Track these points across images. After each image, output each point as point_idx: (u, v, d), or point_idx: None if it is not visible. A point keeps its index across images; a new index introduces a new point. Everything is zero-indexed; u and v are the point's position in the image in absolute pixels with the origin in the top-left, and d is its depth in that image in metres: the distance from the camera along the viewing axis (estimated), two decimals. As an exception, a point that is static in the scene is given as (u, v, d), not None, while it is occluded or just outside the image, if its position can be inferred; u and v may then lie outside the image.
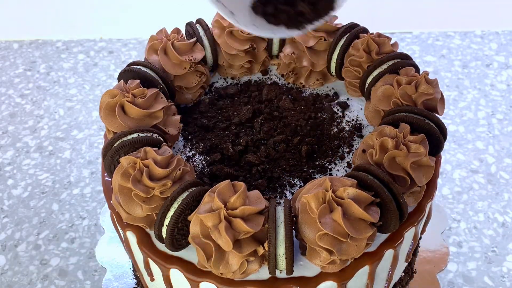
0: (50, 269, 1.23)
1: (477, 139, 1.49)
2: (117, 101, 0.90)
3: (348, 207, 0.76)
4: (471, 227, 1.28)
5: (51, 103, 1.66)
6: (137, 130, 0.88)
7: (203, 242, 0.76)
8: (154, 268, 0.88)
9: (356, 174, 0.81)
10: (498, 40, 1.83)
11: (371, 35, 1.03)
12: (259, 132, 1.00)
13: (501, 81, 1.68)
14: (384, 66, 0.98)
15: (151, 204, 0.80)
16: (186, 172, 0.84)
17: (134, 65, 1.00)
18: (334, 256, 0.75)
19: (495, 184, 1.38)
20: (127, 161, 0.82)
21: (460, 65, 1.74)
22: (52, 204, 1.37)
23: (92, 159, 1.48)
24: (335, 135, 0.99)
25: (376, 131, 0.87)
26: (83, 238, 1.29)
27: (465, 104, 1.60)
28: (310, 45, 1.06)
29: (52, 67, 1.79)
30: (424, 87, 0.93)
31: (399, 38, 1.84)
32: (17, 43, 1.90)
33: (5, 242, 1.29)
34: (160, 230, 0.80)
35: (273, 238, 0.76)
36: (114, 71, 1.76)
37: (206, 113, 1.05)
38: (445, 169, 1.41)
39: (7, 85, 1.73)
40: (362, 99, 1.06)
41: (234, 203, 0.76)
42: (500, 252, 1.23)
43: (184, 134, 1.01)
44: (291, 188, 0.91)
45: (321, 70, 1.09)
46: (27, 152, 1.50)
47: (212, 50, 1.10)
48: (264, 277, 0.80)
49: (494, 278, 1.19)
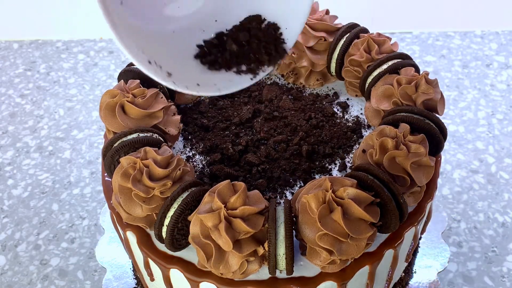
0: (50, 269, 1.23)
1: (477, 139, 1.49)
2: (117, 101, 0.90)
3: (348, 207, 0.76)
4: (471, 227, 1.28)
5: (51, 103, 1.66)
6: (137, 130, 0.88)
7: (203, 242, 0.76)
8: (154, 268, 0.88)
9: (356, 174, 0.81)
10: (498, 40, 1.83)
11: (371, 35, 1.03)
12: (259, 132, 1.00)
13: (501, 81, 1.68)
14: (384, 66, 0.98)
15: (151, 204, 0.80)
16: (186, 172, 0.84)
17: (134, 65, 0.99)
18: (334, 256, 0.75)
19: (495, 184, 1.38)
20: (127, 161, 0.82)
21: (460, 65, 1.74)
22: (52, 204, 1.37)
23: (92, 159, 1.48)
24: (335, 135, 0.99)
25: (376, 131, 0.87)
26: (83, 238, 1.29)
27: (465, 104, 1.60)
28: (310, 45, 1.06)
29: (52, 67, 1.79)
30: (424, 87, 0.93)
31: (399, 38, 1.84)
32: (17, 43, 1.90)
33: (5, 242, 1.29)
34: (160, 230, 0.80)
35: (273, 238, 0.76)
36: (114, 71, 1.76)
37: (206, 113, 1.05)
38: (445, 169, 1.41)
39: (7, 85, 1.73)
40: (362, 99, 1.06)
41: (234, 203, 0.76)
42: (500, 252, 1.23)
43: (184, 134, 1.01)
44: (291, 188, 0.91)
45: (321, 70, 1.09)
46: (27, 152, 1.50)
47: (212, 50, 1.10)
48: (264, 277, 0.80)
49: (494, 278, 1.19)
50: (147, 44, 0.72)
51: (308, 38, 1.06)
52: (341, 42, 1.05)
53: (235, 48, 0.76)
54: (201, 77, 0.76)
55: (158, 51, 0.73)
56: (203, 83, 0.74)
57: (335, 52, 1.06)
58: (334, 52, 1.06)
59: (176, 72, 0.72)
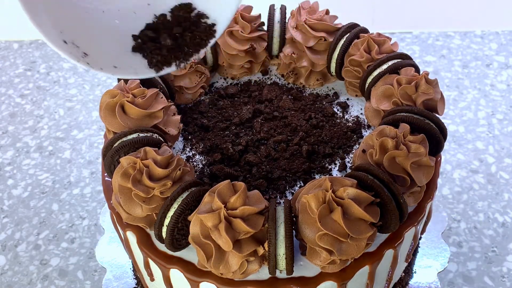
0: (50, 269, 1.23)
1: (477, 139, 1.49)
2: (117, 101, 0.90)
3: (348, 207, 0.76)
4: (471, 227, 1.28)
5: (51, 103, 1.66)
6: (137, 130, 0.88)
7: (203, 242, 0.76)
8: (154, 268, 0.88)
9: (356, 174, 0.81)
10: (498, 40, 1.83)
11: (371, 35, 1.03)
12: (259, 132, 1.00)
13: (501, 81, 1.68)
14: (384, 66, 0.98)
15: (151, 204, 0.80)
16: (186, 172, 0.84)
17: (134, 65, 0.99)
18: (334, 256, 0.75)
19: (495, 184, 1.38)
20: (127, 161, 0.82)
21: (460, 65, 1.74)
22: (52, 204, 1.37)
23: (92, 159, 1.48)
24: (335, 135, 0.99)
25: (376, 131, 0.87)
26: (83, 238, 1.29)
27: (465, 104, 1.60)
28: (310, 45, 1.06)
29: (52, 67, 1.79)
30: (424, 87, 0.93)
31: (399, 38, 1.84)
32: (17, 43, 1.90)
33: (5, 242, 1.29)
34: (160, 230, 0.80)
35: (273, 238, 0.76)
36: (114, 71, 1.76)
37: (206, 113, 1.05)
38: (445, 169, 1.41)
39: (7, 85, 1.73)
40: (362, 99, 1.06)
41: (234, 203, 0.76)
42: (500, 252, 1.23)
43: (184, 134, 1.01)
44: (291, 188, 0.91)
45: (321, 70, 1.09)
46: (27, 152, 1.50)
47: (212, 50, 1.10)
48: (264, 277, 0.80)
49: (494, 278, 1.19)
50: (68, 20, 0.70)
51: (308, 38, 1.06)
52: (341, 42, 1.05)
53: (169, 43, 0.76)
54: (120, 59, 0.75)
55: (80, 30, 0.72)
56: (121, 65, 0.74)
57: (335, 52, 1.06)
58: (334, 52, 1.06)
59: (94, 53, 0.71)
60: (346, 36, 1.05)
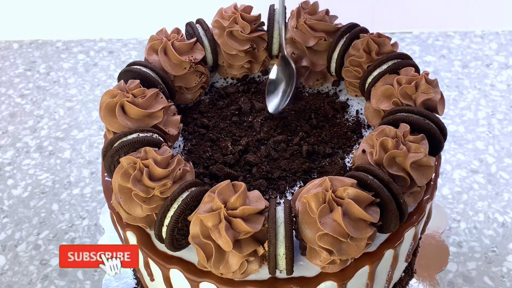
0: (50, 269, 1.23)
1: (477, 139, 1.49)
2: (117, 101, 0.90)
3: (348, 207, 0.76)
4: (471, 227, 1.28)
5: (51, 103, 1.66)
6: (137, 130, 0.88)
7: (203, 242, 0.76)
8: (154, 268, 0.88)
9: (356, 174, 0.81)
10: (498, 40, 1.83)
11: (371, 35, 1.03)
12: (259, 132, 1.00)
13: (501, 81, 1.68)
14: (384, 66, 0.98)
15: (151, 204, 0.80)
16: (186, 172, 0.84)
17: (134, 65, 1.00)
18: (334, 256, 0.75)
19: (495, 184, 1.38)
20: (127, 161, 0.82)
21: (460, 65, 1.74)
22: (52, 204, 1.37)
23: (92, 159, 1.48)
24: (335, 135, 0.99)
25: (376, 131, 0.87)
26: (83, 238, 1.29)
27: (465, 104, 1.60)
28: (310, 45, 1.06)
29: (52, 67, 1.79)
30: (424, 87, 0.93)
31: (399, 38, 1.84)
32: (17, 43, 1.90)
33: (5, 242, 1.29)
34: (160, 230, 0.80)
35: (273, 238, 0.76)
36: (114, 71, 1.76)
37: (206, 113, 1.05)
38: (445, 169, 1.41)
39: (7, 85, 1.73)
40: (362, 99, 1.06)
41: (234, 203, 0.76)
42: (500, 252, 1.23)
43: (184, 134, 1.01)
44: (291, 188, 0.91)
45: (321, 70, 1.09)
46: (27, 152, 1.50)
47: (212, 50, 1.09)
48: (264, 277, 0.80)
49: (494, 278, 1.19)
50: None
51: (308, 38, 1.06)
52: (341, 42, 1.05)
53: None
54: None
55: None
56: None
57: (335, 52, 1.06)
58: (334, 52, 1.06)
59: None
60: (346, 36, 1.05)
